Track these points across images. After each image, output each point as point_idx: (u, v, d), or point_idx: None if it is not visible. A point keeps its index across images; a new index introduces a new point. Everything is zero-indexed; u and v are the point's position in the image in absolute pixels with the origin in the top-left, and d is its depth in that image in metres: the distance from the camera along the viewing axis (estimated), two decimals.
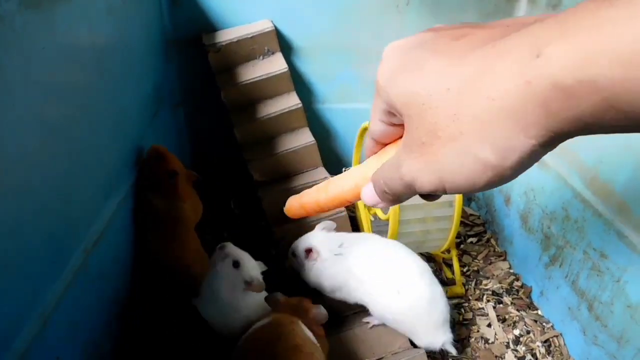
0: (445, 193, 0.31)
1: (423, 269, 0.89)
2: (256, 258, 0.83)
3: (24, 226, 0.50)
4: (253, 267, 0.79)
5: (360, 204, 1.18)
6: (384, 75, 0.32)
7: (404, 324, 0.88)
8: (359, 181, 0.40)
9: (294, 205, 0.50)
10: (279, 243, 1.03)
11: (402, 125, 0.33)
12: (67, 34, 0.60)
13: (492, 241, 1.29)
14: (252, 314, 0.79)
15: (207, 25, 1.13)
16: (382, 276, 0.87)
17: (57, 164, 0.57)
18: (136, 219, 0.87)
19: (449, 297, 1.09)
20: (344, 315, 0.97)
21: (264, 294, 0.80)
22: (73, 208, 0.62)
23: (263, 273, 0.82)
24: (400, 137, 0.36)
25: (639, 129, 0.22)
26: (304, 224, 1.03)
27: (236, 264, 0.77)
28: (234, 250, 0.79)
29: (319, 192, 0.46)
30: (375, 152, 0.39)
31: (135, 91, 0.89)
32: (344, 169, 0.46)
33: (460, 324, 1.03)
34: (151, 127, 0.97)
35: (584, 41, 0.21)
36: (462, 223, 1.29)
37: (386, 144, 0.38)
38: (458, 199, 0.98)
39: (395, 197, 0.34)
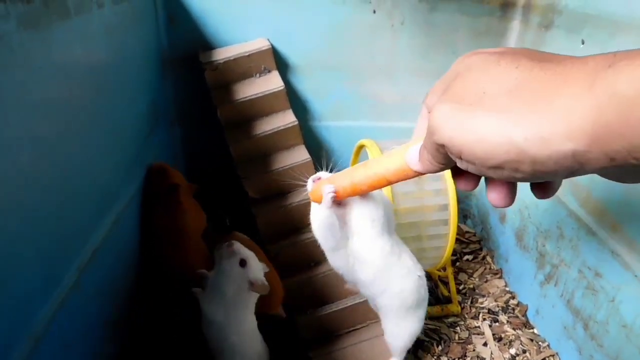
0: (454, 156, 0.31)
1: None
2: None
3: (16, 244, 0.50)
4: (258, 268, 0.79)
5: None
6: (462, 57, 0.34)
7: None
8: (402, 152, 0.41)
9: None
10: (273, 259, 1.03)
11: None
12: (64, 53, 0.60)
13: (488, 258, 1.29)
14: (248, 321, 0.79)
15: (204, 44, 1.14)
16: None
17: (51, 182, 0.57)
18: (142, 231, 0.90)
19: (445, 316, 1.09)
20: (337, 334, 0.97)
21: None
22: (67, 226, 0.61)
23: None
24: None
25: None
26: (297, 242, 1.03)
27: (243, 263, 0.76)
28: (241, 248, 0.78)
29: (355, 171, 0.46)
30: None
31: (131, 109, 0.89)
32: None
33: (457, 343, 1.02)
34: (147, 144, 0.98)
35: None
36: (457, 240, 1.29)
37: None
38: (453, 216, 0.98)
39: (430, 151, 0.35)
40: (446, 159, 0.34)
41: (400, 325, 0.84)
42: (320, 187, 0.50)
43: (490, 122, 0.28)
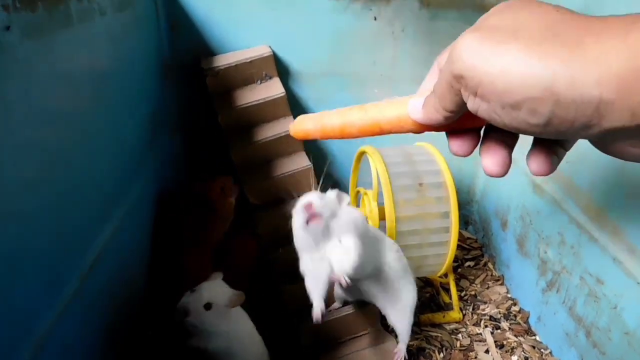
0: (469, 90, 0.30)
1: None
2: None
3: (18, 251, 0.50)
4: (223, 295, 0.78)
5: None
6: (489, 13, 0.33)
7: None
8: (405, 100, 0.40)
9: (309, 124, 0.46)
10: (272, 264, 1.03)
11: None
12: (67, 62, 0.60)
13: (490, 265, 1.28)
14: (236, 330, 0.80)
15: (206, 50, 1.15)
16: None
17: (54, 189, 0.57)
18: (143, 239, 0.91)
19: (446, 323, 1.08)
20: (339, 341, 0.96)
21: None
22: (69, 233, 0.61)
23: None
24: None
25: None
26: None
27: (208, 306, 0.76)
28: (204, 289, 0.78)
29: (351, 111, 0.44)
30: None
31: (133, 115, 0.89)
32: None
33: (458, 350, 1.02)
34: (149, 151, 0.98)
35: None
36: (459, 247, 1.29)
37: None
38: (454, 224, 0.98)
39: (439, 88, 0.34)
40: (455, 103, 0.32)
41: (399, 298, 0.87)
42: (303, 120, 0.49)
43: (519, 53, 0.27)
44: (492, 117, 0.30)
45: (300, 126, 0.46)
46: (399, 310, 0.87)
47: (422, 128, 0.40)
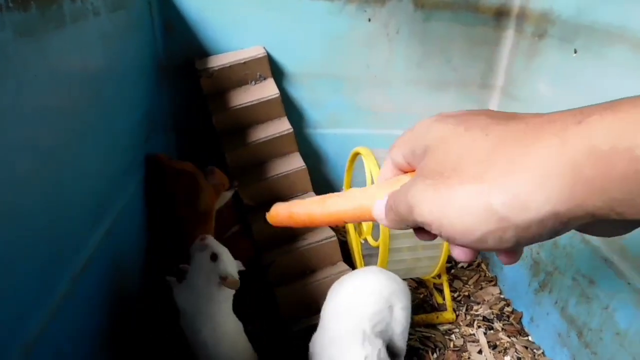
0: (434, 232, 0.31)
1: None
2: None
3: (9, 251, 0.49)
4: (230, 264, 0.79)
5: (350, 228, 1.18)
6: (426, 121, 0.33)
7: None
8: (365, 202, 0.39)
9: (281, 212, 0.48)
10: (267, 267, 1.03)
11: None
12: (60, 61, 0.60)
13: (483, 266, 1.29)
14: (220, 315, 0.79)
15: (200, 51, 1.14)
16: None
17: (46, 190, 0.57)
18: (136, 239, 0.90)
19: (440, 323, 1.09)
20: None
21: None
22: (61, 234, 0.61)
23: (240, 273, 0.82)
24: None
25: None
26: (292, 250, 1.03)
27: (214, 257, 0.77)
28: (213, 242, 0.79)
29: (313, 204, 0.45)
30: (389, 177, 0.38)
31: (127, 116, 0.89)
32: (342, 189, 0.46)
33: (452, 351, 1.02)
34: (143, 151, 0.97)
35: (626, 116, 0.22)
36: None
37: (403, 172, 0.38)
38: None
39: (398, 217, 0.34)
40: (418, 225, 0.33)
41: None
42: (276, 209, 0.50)
43: (467, 194, 0.27)
44: (467, 247, 0.31)
45: (275, 214, 0.49)
46: (399, 334, 0.89)
47: None
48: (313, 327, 0.95)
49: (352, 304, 0.84)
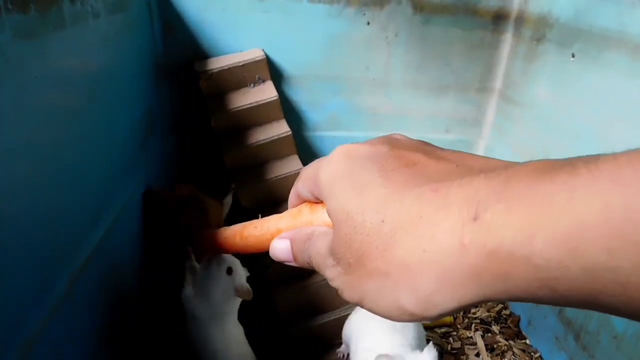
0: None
1: None
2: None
3: (7, 252, 0.50)
4: (242, 275, 0.82)
5: None
6: (327, 176, 0.32)
7: None
8: (273, 232, 0.40)
9: (213, 246, 0.50)
10: (265, 269, 1.03)
11: None
12: (60, 63, 0.60)
13: None
14: (230, 323, 0.82)
15: (199, 53, 1.15)
16: None
17: (45, 190, 0.57)
18: (135, 239, 0.88)
19: (437, 326, 1.09)
20: (330, 344, 0.96)
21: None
22: (59, 234, 0.61)
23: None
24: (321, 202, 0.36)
25: (579, 307, 0.21)
26: None
27: (229, 271, 0.80)
28: (228, 257, 0.81)
29: (234, 236, 0.46)
30: (295, 206, 0.38)
31: (126, 117, 0.89)
32: (259, 215, 0.46)
33: (449, 354, 1.02)
34: (142, 152, 0.98)
35: (521, 215, 0.21)
36: None
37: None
38: None
39: (311, 267, 0.34)
40: None
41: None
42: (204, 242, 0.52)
43: (377, 290, 0.27)
44: None
45: (208, 248, 0.51)
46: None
47: None
48: (312, 330, 0.96)
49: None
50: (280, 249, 0.38)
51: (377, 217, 0.27)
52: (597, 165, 0.20)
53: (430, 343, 0.73)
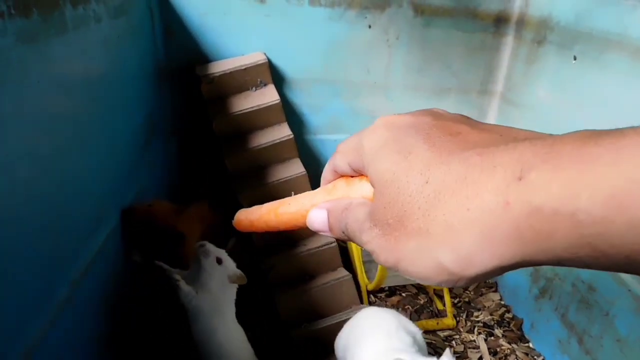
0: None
1: None
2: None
3: (9, 257, 0.50)
4: (231, 262, 0.86)
5: None
6: (371, 144, 0.32)
7: None
8: (308, 208, 0.40)
9: (243, 220, 0.50)
10: (267, 272, 1.03)
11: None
12: (62, 67, 0.60)
13: None
14: (232, 313, 0.85)
15: (201, 57, 1.15)
16: None
17: (47, 195, 0.57)
18: None
19: (440, 329, 1.08)
20: (332, 348, 0.96)
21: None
22: (61, 239, 0.61)
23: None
24: (359, 175, 0.36)
25: (618, 269, 0.22)
26: (292, 255, 1.03)
27: (219, 260, 0.83)
28: (213, 247, 0.85)
29: (269, 213, 0.46)
30: (330, 182, 0.38)
31: (128, 121, 0.89)
32: (292, 193, 0.47)
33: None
34: (143, 156, 0.98)
35: (567, 174, 0.21)
36: None
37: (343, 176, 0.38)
38: None
39: (346, 237, 0.34)
40: None
41: None
42: (239, 215, 0.52)
43: (416, 249, 0.27)
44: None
45: (238, 221, 0.50)
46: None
47: None
48: (313, 332, 0.95)
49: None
50: (317, 218, 0.37)
51: (421, 178, 0.27)
52: None
53: (448, 350, 0.73)
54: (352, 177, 0.37)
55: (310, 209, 0.39)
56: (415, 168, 0.28)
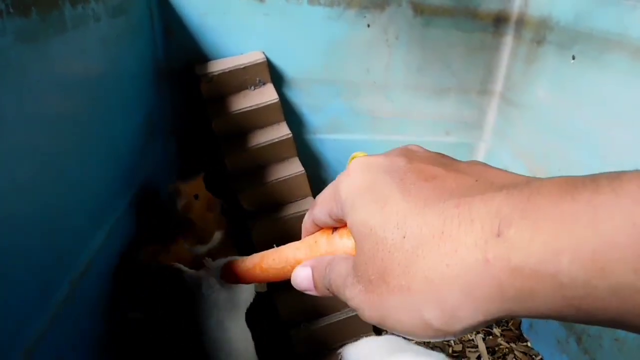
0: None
1: None
2: None
3: (7, 257, 0.50)
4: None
5: None
6: (347, 190, 0.32)
7: None
8: (293, 263, 0.41)
9: (230, 276, 0.51)
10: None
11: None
12: (61, 67, 0.60)
13: None
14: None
15: (200, 56, 1.15)
16: None
17: (46, 195, 0.57)
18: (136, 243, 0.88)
19: None
20: (332, 347, 0.96)
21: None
22: (60, 239, 0.61)
23: None
24: (342, 226, 0.35)
25: (605, 325, 0.21)
26: None
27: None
28: (211, 263, 0.82)
29: (255, 268, 0.47)
30: (312, 234, 0.38)
31: (127, 120, 0.89)
32: (274, 245, 0.47)
33: (450, 357, 1.02)
34: (143, 155, 0.98)
35: (546, 233, 0.21)
36: None
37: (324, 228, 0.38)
38: None
39: (331, 294, 0.35)
40: None
41: None
42: (226, 271, 0.53)
43: (400, 306, 0.27)
44: None
45: (226, 276, 0.53)
46: None
47: None
48: (313, 332, 0.95)
49: None
50: (301, 277, 0.38)
51: (398, 232, 0.27)
52: (621, 184, 0.19)
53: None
54: (333, 229, 0.37)
55: (295, 265, 0.39)
56: (391, 221, 0.27)
